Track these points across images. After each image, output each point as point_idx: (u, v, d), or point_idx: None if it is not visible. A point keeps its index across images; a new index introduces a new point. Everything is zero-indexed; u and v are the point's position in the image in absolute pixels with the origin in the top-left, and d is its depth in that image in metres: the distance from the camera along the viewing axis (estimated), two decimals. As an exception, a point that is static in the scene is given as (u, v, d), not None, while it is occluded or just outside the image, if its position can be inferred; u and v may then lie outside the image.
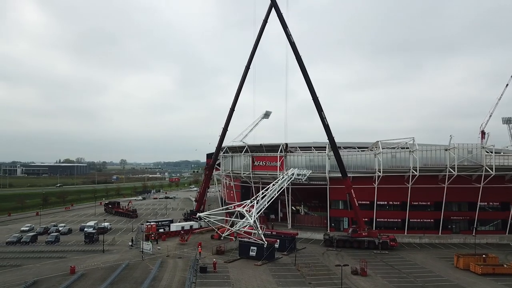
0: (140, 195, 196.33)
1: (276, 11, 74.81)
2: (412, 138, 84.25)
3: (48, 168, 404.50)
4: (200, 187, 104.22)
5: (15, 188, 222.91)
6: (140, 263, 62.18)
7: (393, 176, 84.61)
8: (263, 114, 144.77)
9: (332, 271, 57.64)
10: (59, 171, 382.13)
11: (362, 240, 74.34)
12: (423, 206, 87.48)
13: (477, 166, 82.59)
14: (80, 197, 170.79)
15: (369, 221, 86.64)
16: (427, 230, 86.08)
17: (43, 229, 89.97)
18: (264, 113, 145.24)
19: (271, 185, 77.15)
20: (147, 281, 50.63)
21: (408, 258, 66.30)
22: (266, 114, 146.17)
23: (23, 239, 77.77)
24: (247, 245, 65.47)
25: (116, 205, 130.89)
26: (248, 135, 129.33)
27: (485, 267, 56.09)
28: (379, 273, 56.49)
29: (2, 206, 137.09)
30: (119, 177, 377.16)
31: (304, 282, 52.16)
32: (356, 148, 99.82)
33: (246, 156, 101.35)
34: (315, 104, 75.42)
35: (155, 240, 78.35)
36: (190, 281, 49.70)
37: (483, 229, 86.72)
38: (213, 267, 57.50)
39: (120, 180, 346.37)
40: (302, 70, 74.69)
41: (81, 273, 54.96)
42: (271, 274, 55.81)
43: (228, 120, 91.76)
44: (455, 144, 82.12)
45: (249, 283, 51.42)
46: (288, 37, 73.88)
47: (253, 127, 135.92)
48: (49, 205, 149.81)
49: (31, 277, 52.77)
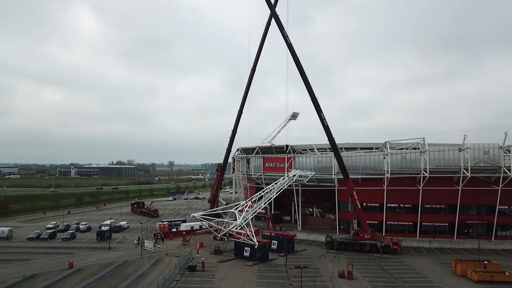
0: (171, 196, 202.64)
1: (271, 12, 74.79)
2: (422, 138, 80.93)
3: (98, 169, 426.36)
4: (212, 188, 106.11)
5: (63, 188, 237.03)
6: (138, 260, 64.76)
7: (403, 177, 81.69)
8: (291, 115, 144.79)
9: (320, 273, 56.95)
10: (109, 172, 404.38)
11: (364, 243, 72.49)
12: (437, 209, 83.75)
13: (494, 168, 77.88)
14: (113, 197, 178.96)
15: (379, 224, 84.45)
16: (441, 234, 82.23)
17: (65, 226, 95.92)
18: (292, 114, 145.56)
19: (270, 186, 77.23)
20: (132, 277, 52.83)
21: (407, 263, 63.86)
22: (294, 115, 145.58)
23: (42, 236, 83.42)
24: (242, 245, 66.16)
25: (141, 205, 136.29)
26: (277, 137, 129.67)
27: (482, 274, 52.94)
28: (367, 277, 55.02)
29: (41, 205, 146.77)
30: (161, 178, 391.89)
31: (285, 284, 52.03)
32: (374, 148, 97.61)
33: (257, 158, 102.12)
34: (314, 105, 74.58)
35: (161, 239, 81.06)
36: (170, 278, 51.15)
37: (503, 235, 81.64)
38: (202, 266, 58.76)
39: (163, 181, 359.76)
40: (300, 71, 74.14)
41: (78, 268, 58.32)
42: (257, 275, 56.11)
43: (237, 122, 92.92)
44: (468, 144, 77.93)
45: (230, 282, 52.12)
46: (285, 38, 73.69)
47: (280, 129, 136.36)
48: (83, 204, 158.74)
49: (33, 271, 56.72)
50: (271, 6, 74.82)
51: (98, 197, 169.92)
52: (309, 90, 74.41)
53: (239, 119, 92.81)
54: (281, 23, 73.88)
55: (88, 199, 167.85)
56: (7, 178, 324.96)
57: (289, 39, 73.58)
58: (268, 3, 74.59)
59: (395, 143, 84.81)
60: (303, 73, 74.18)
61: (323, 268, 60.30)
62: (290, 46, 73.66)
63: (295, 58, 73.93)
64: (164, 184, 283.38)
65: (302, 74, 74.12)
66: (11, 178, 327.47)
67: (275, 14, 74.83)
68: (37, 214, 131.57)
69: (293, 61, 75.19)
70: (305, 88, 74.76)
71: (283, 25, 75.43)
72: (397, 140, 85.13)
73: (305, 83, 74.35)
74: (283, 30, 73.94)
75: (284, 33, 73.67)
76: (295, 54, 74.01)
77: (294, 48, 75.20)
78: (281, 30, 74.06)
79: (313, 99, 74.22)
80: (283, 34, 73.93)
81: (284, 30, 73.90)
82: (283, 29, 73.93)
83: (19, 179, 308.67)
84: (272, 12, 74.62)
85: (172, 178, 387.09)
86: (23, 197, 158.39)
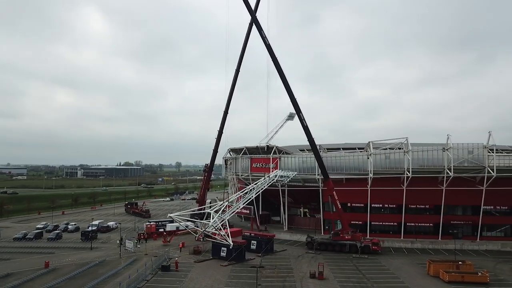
0: (169, 197, 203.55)
1: (250, 13, 74.84)
2: (406, 138, 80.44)
3: (104, 170, 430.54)
4: (200, 189, 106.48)
5: (65, 189, 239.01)
6: (115, 260, 65.14)
7: (388, 178, 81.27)
8: (287, 116, 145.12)
9: (292, 274, 56.89)
10: (115, 173, 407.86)
11: (344, 244, 72.19)
12: (421, 210, 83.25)
13: (478, 167, 77.11)
14: (110, 198, 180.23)
15: (364, 224, 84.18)
16: (426, 234, 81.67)
17: (53, 226, 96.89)
18: (288, 114, 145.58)
19: (250, 187, 77.28)
20: (103, 276, 53.31)
21: (384, 264, 63.47)
22: (291, 116, 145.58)
23: (28, 236, 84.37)
24: (219, 246, 66.32)
25: (134, 206, 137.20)
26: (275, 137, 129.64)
27: (453, 274, 52.47)
28: (339, 278, 54.81)
29: (37, 205, 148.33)
30: (165, 179, 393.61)
31: (254, 284, 51.98)
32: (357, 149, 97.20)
33: (244, 158, 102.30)
34: (293, 105, 74.64)
35: (144, 239, 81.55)
36: (139, 278, 51.51)
37: (488, 235, 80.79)
38: (175, 266, 59.03)
39: (166, 181, 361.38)
40: (279, 71, 74.08)
41: (53, 268, 58.91)
42: (229, 275, 56.16)
43: (222, 123, 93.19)
44: (451, 143, 77.27)
45: (200, 282, 52.30)
46: (263, 39, 73.73)
47: (278, 129, 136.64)
48: (80, 205, 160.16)
49: (8, 270, 57.43)
50: (250, 8, 74.73)
51: (95, 197, 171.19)
52: (288, 90, 74.37)
53: (224, 120, 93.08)
54: (259, 24, 73.96)
55: (86, 199, 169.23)
56: (14, 179, 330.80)
57: (268, 40, 73.67)
58: (246, 3, 74.53)
59: (378, 143, 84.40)
60: (282, 74, 74.04)
61: (297, 268, 60.18)
62: (268, 47, 73.67)
63: (274, 59, 73.88)
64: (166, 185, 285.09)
65: (281, 74, 74.00)
66: (18, 179, 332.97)
67: (254, 15, 74.92)
68: (32, 215, 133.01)
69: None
70: (284, 88, 74.66)
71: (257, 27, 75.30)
72: (381, 140, 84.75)
73: (284, 83, 74.23)
74: (262, 31, 74.00)
75: (263, 34, 73.70)
76: (274, 55, 74.00)
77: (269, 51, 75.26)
78: (260, 31, 74.10)
79: (292, 99, 74.16)
80: (261, 35, 73.96)
81: (263, 31, 73.98)
82: (262, 30, 74.00)
83: (26, 180, 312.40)
84: (250, 13, 74.56)
85: (177, 179, 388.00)
86: (20, 198, 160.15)
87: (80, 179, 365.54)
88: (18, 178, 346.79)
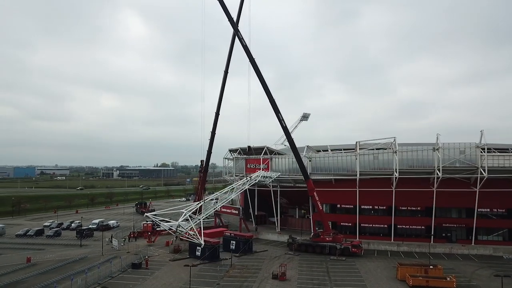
0: (185, 197, 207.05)
1: (226, 15, 75.07)
2: (393, 137, 78.22)
3: (139, 171, 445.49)
4: (196, 189, 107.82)
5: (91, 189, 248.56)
6: (96, 257, 67.56)
7: (377, 179, 79.41)
8: (301, 117, 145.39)
9: (257, 274, 56.89)
10: (149, 174, 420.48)
11: (324, 245, 71.17)
12: (412, 212, 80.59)
13: (471, 168, 73.81)
14: (128, 198, 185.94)
15: (353, 226, 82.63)
16: (418, 237, 78.86)
17: (57, 224, 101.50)
18: (302, 115, 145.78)
19: (230, 187, 77.66)
20: (72, 272, 55.52)
21: (358, 266, 62.02)
22: (304, 116, 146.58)
23: (29, 233, 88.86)
24: (195, 245, 67.28)
25: (143, 205, 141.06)
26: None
27: (418, 279, 50.62)
28: (302, 279, 54.29)
29: (55, 204, 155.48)
30: (193, 180, 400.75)
31: (214, 283, 52.53)
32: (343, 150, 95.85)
33: (240, 159, 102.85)
34: (272, 106, 74.26)
35: (134, 237, 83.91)
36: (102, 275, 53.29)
37: (484, 239, 77.05)
38: (145, 264, 60.54)
39: (194, 182, 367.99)
40: (257, 72, 73.90)
41: (33, 263, 62.01)
42: (196, 274, 56.82)
43: (214, 124, 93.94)
44: (441, 143, 74.33)
45: (162, 280, 53.59)
46: (240, 41, 73.92)
47: (293, 129, 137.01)
48: (96, 204, 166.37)
49: (-6, 264, 61.11)
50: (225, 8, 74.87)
51: (112, 197, 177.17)
52: (266, 90, 74.21)
53: (216, 120, 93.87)
54: (235, 25, 74.30)
55: (102, 199, 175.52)
56: (54, 179, 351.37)
57: (245, 41, 73.83)
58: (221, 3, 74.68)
59: (366, 143, 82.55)
60: (259, 74, 73.89)
61: (266, 269, 59.98)
62: (245, 48, 73.82)
63: (251, 60, 73.91)
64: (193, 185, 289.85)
65: (259, 75, 73.89)
66: (57, 179, 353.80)
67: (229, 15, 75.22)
68: (49, 213, 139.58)
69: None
70: (263, 88, 74.54)
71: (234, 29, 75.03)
72: (368, 140, 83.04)
73: (262, 83, 74.05)
74: (238, 32, 74.31)
75: (239, 35, 74.00)
76: (251, 56, 74.03)
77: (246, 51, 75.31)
78: (236, 32, 74.49)
79: (270, 100, 73.94)
80: (238, 36, 74.34)
81: (239, 33, 74.24)
82: (238, 31, 74.32)
83: (64, 181, 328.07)
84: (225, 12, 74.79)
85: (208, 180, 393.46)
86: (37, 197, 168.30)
87: (115, 180, 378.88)
88: (57, 178, 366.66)
